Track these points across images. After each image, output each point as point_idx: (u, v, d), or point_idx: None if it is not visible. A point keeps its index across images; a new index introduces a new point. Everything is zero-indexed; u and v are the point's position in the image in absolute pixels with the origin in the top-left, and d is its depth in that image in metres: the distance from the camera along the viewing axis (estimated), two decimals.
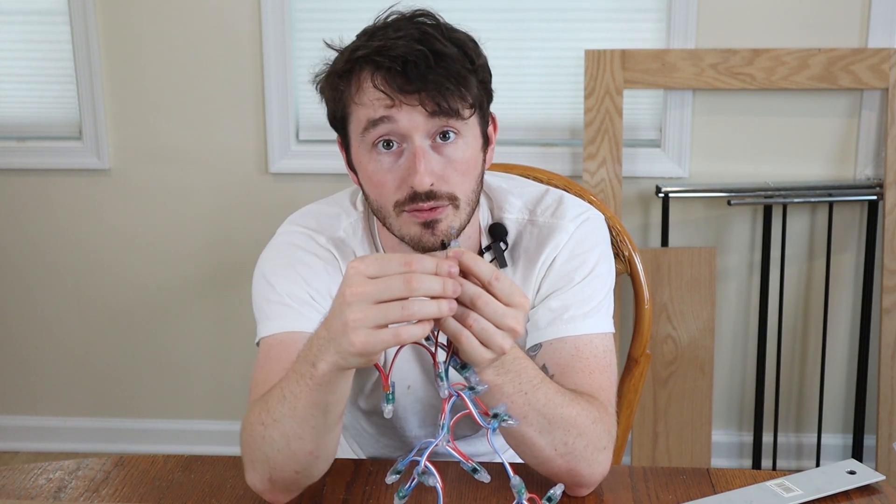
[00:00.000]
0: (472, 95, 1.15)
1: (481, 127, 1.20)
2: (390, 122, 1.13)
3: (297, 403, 1.04)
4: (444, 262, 0.91)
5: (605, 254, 1.30)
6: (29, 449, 2.89)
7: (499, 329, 0.94)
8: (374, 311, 0.91)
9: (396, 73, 1.11)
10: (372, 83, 1.13)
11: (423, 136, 1.14)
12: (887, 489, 1.19)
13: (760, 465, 2.69)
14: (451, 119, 1.14)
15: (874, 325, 2.60)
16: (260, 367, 1.22)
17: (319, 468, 1.14)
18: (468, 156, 1.17)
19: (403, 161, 1.15)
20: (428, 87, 1.11)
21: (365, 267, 0.92)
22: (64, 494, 1.21)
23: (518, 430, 1.08)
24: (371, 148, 1.16)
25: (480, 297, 0.93)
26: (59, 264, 2.77)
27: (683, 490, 1.19)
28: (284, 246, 1.28)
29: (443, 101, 1.12)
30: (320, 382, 1.01)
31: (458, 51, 1.15)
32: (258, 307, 1.27)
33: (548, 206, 1.30)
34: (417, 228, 1.16)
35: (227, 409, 2.83)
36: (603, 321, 1.26)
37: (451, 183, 1.16)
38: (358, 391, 1.37)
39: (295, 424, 1.06)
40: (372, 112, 1.14)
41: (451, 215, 1.16)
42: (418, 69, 1.11)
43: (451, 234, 1.17)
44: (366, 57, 1.14)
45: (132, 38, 2.59)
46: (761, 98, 2.51)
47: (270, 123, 2.59)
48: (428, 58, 1.11)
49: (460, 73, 1.13)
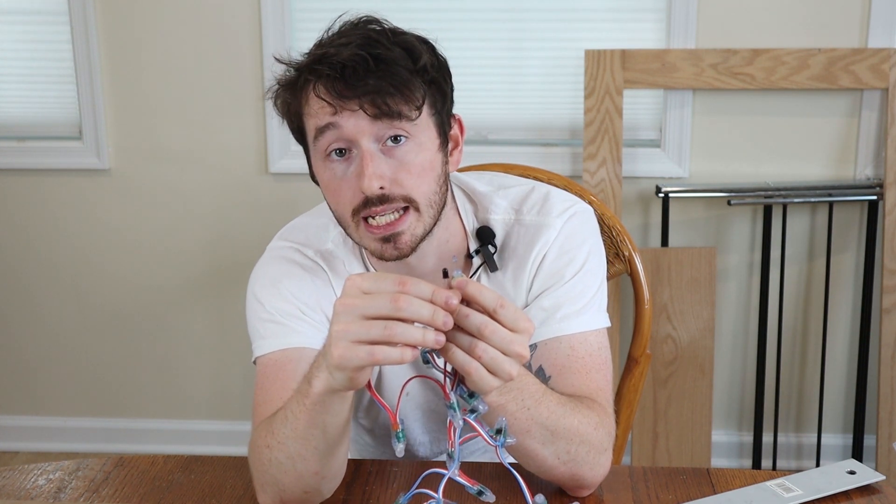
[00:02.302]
0: (417, 96, 1.14)
1: (438, 128, 1.19)
2: (336, 129, 1.13)
3: (298, 424, 1.05)
4: (444, 293, 0.90)
5: (595, 247, 1.28)
6: (29, 449, 2.89)
7: (506, 356, 0.94)
8: (356, 325, 0.91)
9: (336, 80, 1.11)
10: (314, 92, 1.14)
11: (371, 140, 1.13)
12: (887, 489, 1.19)
13: (760, 465, 2.69)
14: (396, 121, 1.13)
15: (874, 325, 2.60)
16: (259, 388, 1.22)
17: (328, 487, 1.14)
18: (422, 158, 1.16)
19: (353, 168, 1.15)
20: (368, 92, 1.11)
21: (361, 281, 0.93)
22: (64, 495, 1.21)
23: (521, 444, 1.08)
24: (325, 157, 1.16)
25: (487, 325, 0.92)
26: (59, 264, 2.77)
27: (683, 490, 1.19)
28: (272, 262, 1.28)
29: (383, 104, 1.11)
30: (315, 402, 1.01)
31: (402, 52, 1.13)
32: (251, 326, 1.27)
33: (534, 204, 1.28)
34: (377, 243, 1.16)
35: (227, 409, 2.83)
36: (596, 317, 1.25)
37: (406, 185, 1.15)
38: (356, 407, 1.37)
39: (298, 446, 1.06)
40: (318, 120, 1.14)
41: (413, 223, 1.16)
42: (357, 74, 1.10)
43: (416, 242, 1.16)
44: (308, 66, 1.14)
45: (132, 38, 2.59)
46: (761, 98, 2.51)
47: (270, 123, 2.59)
48: (367, 62, 1.10)
49: (401, 76, 1.12)
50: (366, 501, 1.18)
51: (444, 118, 1.20)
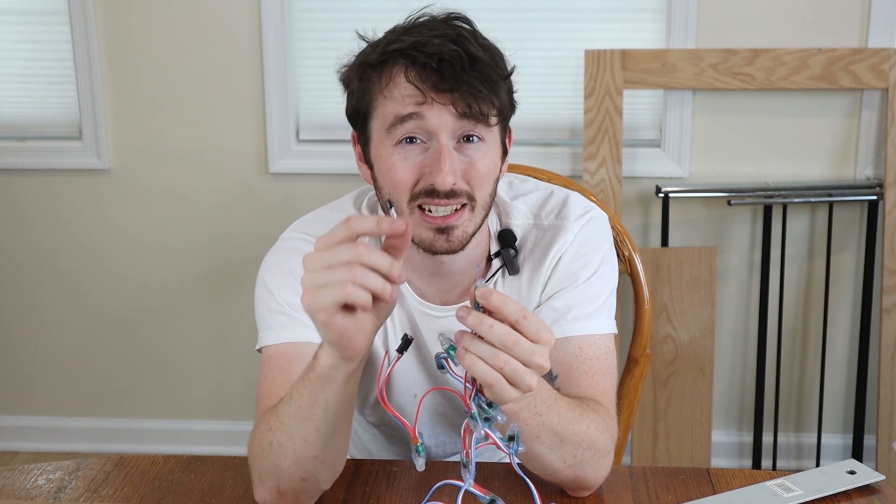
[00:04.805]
0: (500, 103, 1.15)
1: (501, 137, 1.21)
2: (419, 119, 1.13)
3: (302, 402, 1.05)
4: (386, 220, 0.92)
5: (610, 254, 1.31)
6: (29, 449, 2.89)
7: (527, 368, 0.94)
8: (322, 273, 0.92)
9: (431, 70, 1.11)
10: (405, 77, 1.12)
11: (449, 136, 1.14)
12: (887, 489, 1.19)
13: (760, 465, 2.69)
14: (479, 123, 1.14)
15: (874, 325, 2.60)
16: (264, 379, 1.22)
17: (326, 476, 1.13)
18: (488, 161, 1.17)
19: (426, 158, 1.14)
20: (461, 88, 1.11)
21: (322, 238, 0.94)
22: (64, 494, 1.21)
23: (530, 449, 1.08)
24: (394, 143, 1.15)
25: (510, 336, 0.92)
26: (60, 264, 2.77)
27: (683, 490, 1.19)
28: (285, 253, 1.27)
29: (474, 103, 1.12)
30: (320, 375, 1.01)
31: (490, 57, 1.14)
32: (259, 314, 1.26)
33: (552, 209, 1.30)
34: (430, 233, 1.16)
35: (227, 409, 2.83)
36: (606, 322, 1.27)
37: (472, 184, 1.16)
38: (362, 403, 1.37)
39: (300, 426, 1.06)
40: (401, 108, 1.13)
41: (466, 220, 1.17)
42: (453, 69, 1.10)
43: (467, 239, 1.17)
44: (401, 51, 1.12)
45: (132, 37, 2.59)
46: (761, 98, 2.51)
47: (270, 123, 2.59)
48: (463, 59, 1.10)
49: (492, 79, 1.13)
50: (366, 501, 1.18)
51: (506, 128, 1.22)
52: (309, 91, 2.61)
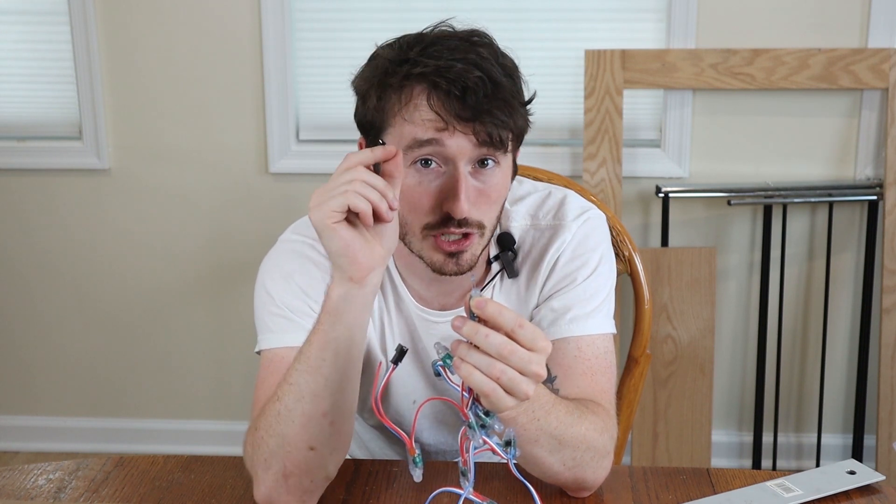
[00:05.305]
0: (518, 127, 1.15)
1: (513, 156, 1.21)
2: (437, 145, 1.12)
3: (311, 352, 1.08)
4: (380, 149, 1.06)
5: (607, 253, 1.31)
6: (29, 449, 2.89)
7: (524, 376, 0.94)
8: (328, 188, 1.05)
9: (455, 98, 1.09)
10: (427, 103, 1.11)
11: (467, 162, 1.13)
12: (887, 489, 1.19)
13: (760, 465, 2.68)
14: (497, 150, 1.14)
15: (874, 325, 2.60)
16: (262, 382, 1.22)
17: (332, 448, 1.12)
18: (501, 184, 1.17)
19: (441, 183, 1.14)
20: (482, 117, 1.10)
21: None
22: (64, 494, 1.21)
23: (529, 452, 1.08)
24: (410, 164, 1.14)
25: (506, 346, 0.92)
26: (59, 264, 2.77)
27: (683, 490, 1.19)
28: (285, 255, 1.27)
29: (494, 131, 1.11)
30: (330, 310, 1.07)
31: (510, 81, 1.13)
32: (259, 317, 1.26)
33: (550, 210, 1.30)
34: (440, 256, 1.16)
35: (227, 409, 2.83)
36: (605, 322, 1.27)
37: (482, 211, 1.16)
38: (361, 406, 1.36)
39: (310, 379, 1.08)
40: (421, 132, 1.11)
41: (476, 245, 1.17)
42: (476, 97, 1.09)
43: (475, 262, 1.17)
44: (423, 75, 1.11)
45: (132, 38, 2.59)
46: (761, 98, 2.51)
47: (270, 123, 2.59)
48: (486, 86, 1.09)
49: (512, 106, 1.12)
50: (366, 501, 1.18)
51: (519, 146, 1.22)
52: (309, 91, 2.61)
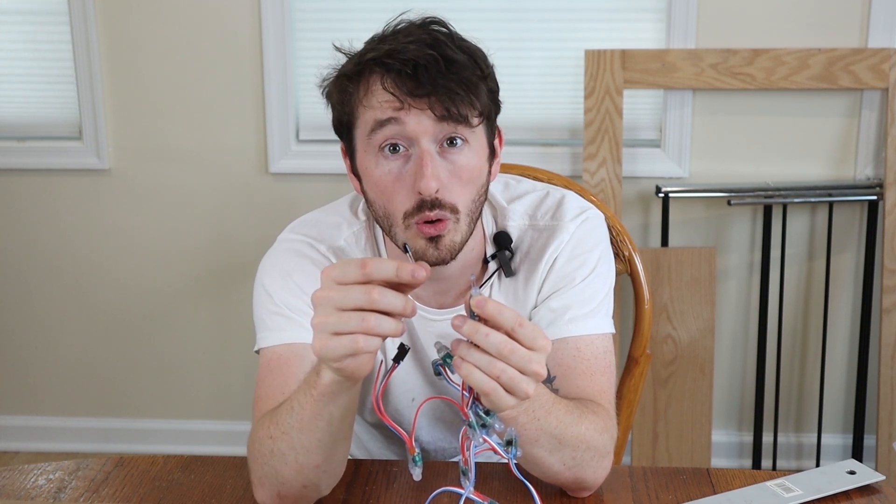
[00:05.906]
0: (481, 103, 1.15)
1: (488, 137, 1.20)
2: (398, 125, 1.12)
3: (304, 414, 1.05)
4: (408, 267, 0.90)
5: (606, 253, 1.30)
6: (29, 449, 2.89)
7: (524, 375, 0.93)
8: (334, 318, 0.91)
9: (407, 77, 1.10)
10: (381, 85, 1.12)
11: (431, 140, 1.13)
12: (887, 489, 1.19)
13: (760, 465, 2.69)
14: (460, 125, 1.13)
15: (874, 325, 2.60)
16: (261, 381, 1.22)
17: (327, 483, 1.14)
18: (473, 164, 1.16)
19: (410, 166, 1.14)
20: (438, 92, 1.10)
21: (332, 271, 0.92)
22: (64, 494, 1.21)
23: (529, 452, 1.08)
24: (377, 151, 1.15)
25: (506, 345, 0.91)
26: (59, 264, 2.77)
27: (683, 490, 1.19)
28: (283, 254, 1.27)
29: (452, 106, 1.11)
30: (323, 392, 1.01)
31: (468, 58, 1.14)
32: (257, 316, 1.26)
33: (548, 209, 1.30)
34: (422, 242, 1.15)
35: (227, 409, 2.83)
36: (603, 321, 1.27)
37: (454, 193, 1.15)
38: (361, 405, 1.37)
39: (302, 437, 1.06)
40: (380, 113, 1.13)
41: (452, 229, 1.15)
42: (429, 73, 1.10)
43: (456, 250, 1.16)
44: (376, 59, 1.13)
45: (132, 38, 2.59)
46: (761, 98, 2.51)
47: (270, 123, 2.59)
48: (439, 62, 1.10)
49: (470, 80, 1.13)
50: (366, 501, 1.18)
51: (493, 128, 1.21)
52: (309, 91, 2.61)
